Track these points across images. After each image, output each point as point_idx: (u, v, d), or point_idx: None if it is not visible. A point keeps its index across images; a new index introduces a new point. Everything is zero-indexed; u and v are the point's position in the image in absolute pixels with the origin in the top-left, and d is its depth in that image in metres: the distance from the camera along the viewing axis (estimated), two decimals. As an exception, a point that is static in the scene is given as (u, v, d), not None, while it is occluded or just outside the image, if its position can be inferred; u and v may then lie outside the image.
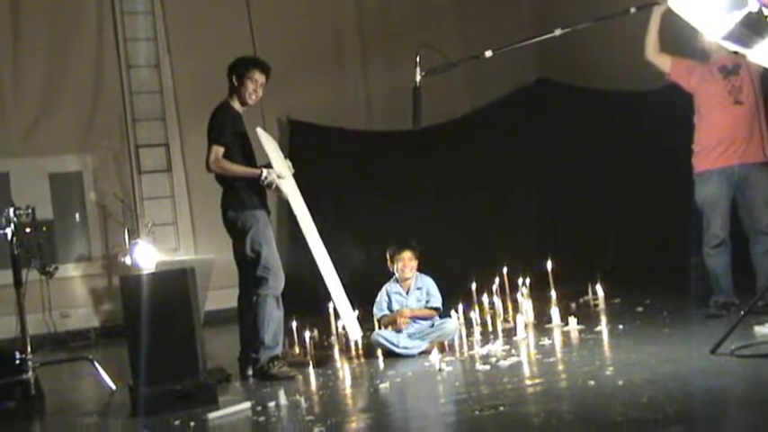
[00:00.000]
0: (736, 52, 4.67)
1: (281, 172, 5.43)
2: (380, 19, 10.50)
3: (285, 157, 5.77)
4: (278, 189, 5.42)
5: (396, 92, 9.62)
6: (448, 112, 10.04)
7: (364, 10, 10.52)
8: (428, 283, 5.87)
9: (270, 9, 9.80)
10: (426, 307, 5.77)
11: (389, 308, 5.82)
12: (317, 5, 10.24)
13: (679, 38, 5.14)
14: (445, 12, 10.53)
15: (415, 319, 5.71)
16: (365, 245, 8.85)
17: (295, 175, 5.76)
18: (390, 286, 5.89)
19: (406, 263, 5.81)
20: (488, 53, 4.58)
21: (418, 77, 4.60)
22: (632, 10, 4.52)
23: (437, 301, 5.81)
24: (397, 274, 5.87)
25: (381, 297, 5.87)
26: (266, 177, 5.31)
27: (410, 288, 5.84)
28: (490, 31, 8.13)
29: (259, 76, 5.46)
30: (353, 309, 5.99)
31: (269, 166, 5.41)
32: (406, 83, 5.04)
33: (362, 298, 6.23)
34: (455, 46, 8.51)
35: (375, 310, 5.87)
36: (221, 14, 9.67)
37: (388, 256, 5.90)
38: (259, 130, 5.57)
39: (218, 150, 5.28)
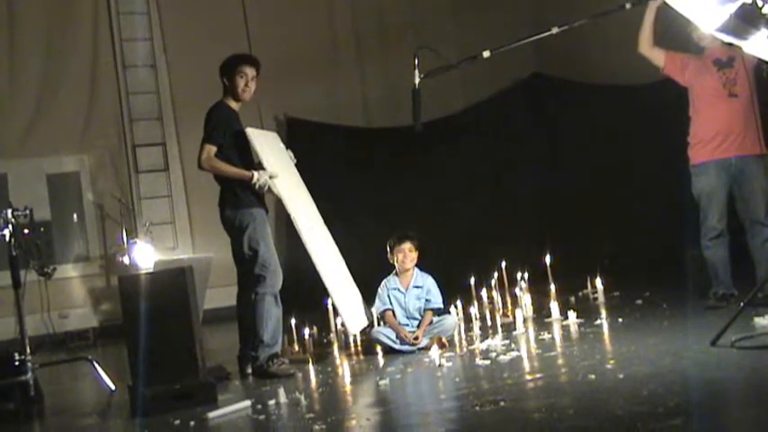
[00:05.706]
0: (730, 44, 4.68)
1: (273, 171, 5.39)
2: (376, 14, 10.53)
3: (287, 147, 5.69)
4: (271, 190, 5.39)
5: (392, 88, 9.65)
6: (444, 108, 10.04)
7: (359, 7, 10.52)
8: (429, 282, 5.79)
9: (266, 7, 9.80)
10: (426, 308, 5.71)
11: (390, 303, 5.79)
12: (312, 2, 10.23)
13: (672, 32, 5.14)
14: (441, 10, 10.52)
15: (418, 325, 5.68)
16: (364, 241, 8.83)
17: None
18: (389, 282, 5.83)
19: (406, 254, 5.77)
20: (486, 53, 4.58)
21: (417, 80, 4.59)
22: (627, 6, 4.53)
23: (438, 301, 5.74)
24: (396, 267, 5.83)
25: (383, 292, 5.82)
26: (257, 181, 5.27)
27: (409, 285, 5.79)
28: (486, 31, 8.13)
29: (248, 70, 5.42)
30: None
31: (261, 167, 5.39)
32: (402, 79, 5.04)
33: (362, 294, 6.22)
34: (450, 45, 8.52)
35: (378, 303, 5.81)
36: (217, 14, 9.66)
37: (388, 248, 5.86)
38: (249, 130, 5.46)
39: (210, 149, 5.26)
